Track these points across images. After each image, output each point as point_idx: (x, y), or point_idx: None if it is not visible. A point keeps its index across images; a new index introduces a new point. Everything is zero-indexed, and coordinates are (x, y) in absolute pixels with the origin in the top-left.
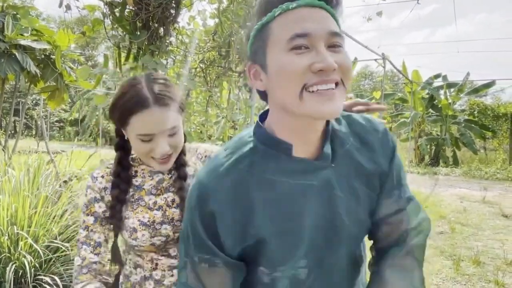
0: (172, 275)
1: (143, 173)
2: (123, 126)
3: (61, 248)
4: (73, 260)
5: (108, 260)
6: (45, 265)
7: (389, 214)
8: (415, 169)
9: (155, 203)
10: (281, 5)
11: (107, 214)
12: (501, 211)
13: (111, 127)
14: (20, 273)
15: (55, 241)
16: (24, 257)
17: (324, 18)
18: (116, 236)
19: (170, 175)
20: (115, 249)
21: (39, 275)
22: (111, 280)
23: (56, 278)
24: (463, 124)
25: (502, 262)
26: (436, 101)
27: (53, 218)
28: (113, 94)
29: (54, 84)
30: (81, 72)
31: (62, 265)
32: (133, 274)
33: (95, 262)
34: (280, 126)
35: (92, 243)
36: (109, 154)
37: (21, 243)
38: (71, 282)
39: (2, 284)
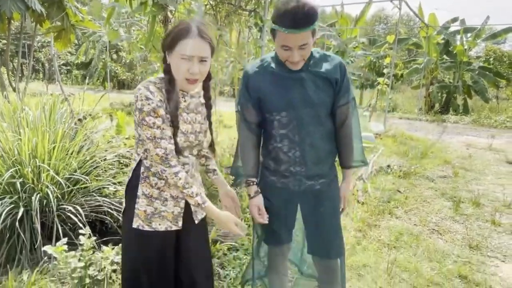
0: (184, 169)
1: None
2: (171, 49)
3: (81, 180)
4: (92, 191)
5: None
6: (67, 196)
7: (341, 104)
8: (424, 117)
9: (187, 119)
10: (282, 27)
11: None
12: (506, 158)
13: (119, 70)
14: (44, 203)
15: (75, 174)
16: (47, 187)
17: (297, 37)
18: (175, 134)
19: (194, 99)
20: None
21: (62, 204)
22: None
23: (78, 207)
24: (477, 72)
25: (501, 204)
26: (452, 47)
27: (71, 153)
28: (124, 30)
29: (60, 24)
30: (94, 5)
31: (82, 196)
32: (153, 166)
33: (172, 150)
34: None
35: (166, 137)
36: (118, 97)
37: (43, 175)
38: (91, 211)
39: (29, 212)
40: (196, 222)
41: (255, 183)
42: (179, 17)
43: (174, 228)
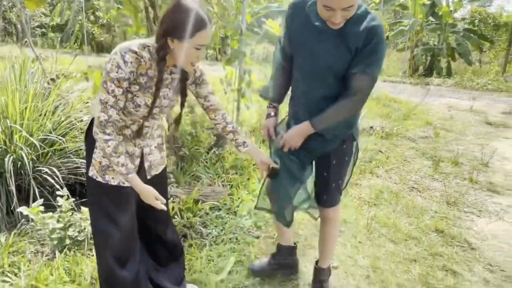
0: (143, 130)
1: (155, 68)
2: (182, 37)
3: (57, 142)
4: (69, 153)
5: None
6: (43, 158)
7: (352, 72)
8: (408, 80)
9: (161, 95)
10: None
11: (128, 89)
12: (486, 119)
13: (96, 31)
14: (19, 165)
15: (50, 135)
16: (21, 149)
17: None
18: (154, 102)
19: (172, 75)
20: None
21: (38, 167)
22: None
23: (55, 169)
24: (461, 34)
25: (479, 163)
26: (437, 8)
27: (45, 114)
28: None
29: None
30: None
31: (59, 158)
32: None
33: (117, 120)
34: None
35: (118, 107)
36: (97, 61)
37: (15, 136)
38: (69, 174)
39: (3, 174)
40: (148, 177)
41: (274, 107)
42: None
43: (126, 184)
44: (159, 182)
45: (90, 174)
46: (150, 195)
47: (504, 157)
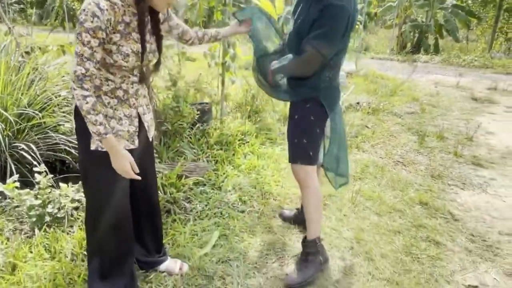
0: (133, 87)
1: (129, 13)
2: None
3: (34, 117)
4: (47, 129)
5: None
6: (20, 134)
7: (304, 40)
8: (395, 57)
9: (138, 38)
10: None
11: (110, 41)
12: (471, 94)
13: (77, 7)
14: None
15: (26, 109)
16: None
17: None
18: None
19: (146, 19)
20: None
21: (15, 143)
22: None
23: (32, 145)
24: (450, 10)
25: (464, 138)
26: None
27: (20, 88)
28: None
29: None
30: None
31: (36, 134)
32: (104, 85)
33: (94, 74)
34: None
35: (94, 60)
36: None
37: None
38: (48, 150)
39: None
40: (150, 139)
41: None
42: None
43: (131, 147)
44: (148, 148)
45: (93, 147)
46: (126, 159)
47: (488, 131)
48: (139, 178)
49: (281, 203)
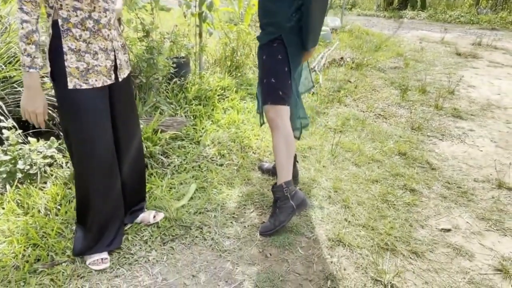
0: (106, 16)
1: None
2: None
3: (0, 71)
4: (15, 83)
5: None
6: None
7: None
8: (382, 13)
9: None
10: None
11: None
12: (456, 50)
13: None
14: None
15: None
16: None
17: None
18: None
19: None
20: None
21: None
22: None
23: (0, 102)
24: None
25: (445, 91)
26: None
27: None
28: None
29: None
30: None
31: (3, 89)
32: (72, 16)
33: None
34: None
35: None
36: None
37: None
38: (17, 106)
39: None
40: (120, 80)
41: None
42: None
43: (109, 82)
44: (126, 89)
45: (71, 86)
46: (41, 105)
47: (470, 85)
48: (43, 126)
49: (260, 156)
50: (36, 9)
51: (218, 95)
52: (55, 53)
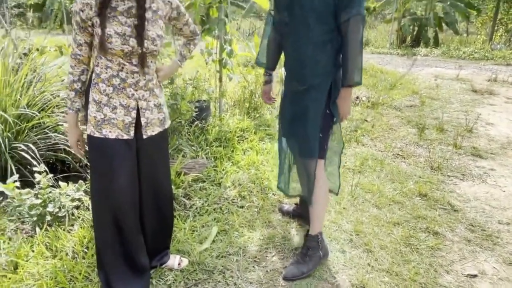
0: (133, 78)
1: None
2: None
3: (33, 117)
4: (47, 129)
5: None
6: (19, 135)
7: (343, 21)
8: (395, 51)
9: (125, 22)
10: None
11: (86, 24)
12: (471, 87)
13: None
14: None
15: (25, 110)
16: None
17: None
18: (103, 30)
19: (135, 3)
20: (102, 40)
21: (14, 144)
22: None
23: (31, 146)
24: (448, 2)
25: (464, 129)
26: None
27: (18, 89)
28: None
29: None
30: None
31: (36, 135)
32: (103, 73)
33: (79, 55)
34: None
35: (77, 42)
36: None
37: None
38: (48, 150)
39: None
40: (144, 136)
41: (269, 74)
42: None
43: (125, 137)
44: (156, 145)
45: (88, 131)
46: (72, 139)
47: (488, 122)
48: (81, 155)
49: (280, 198)
50: (80, 64)
51: (238, 137)
52: (85, 101)
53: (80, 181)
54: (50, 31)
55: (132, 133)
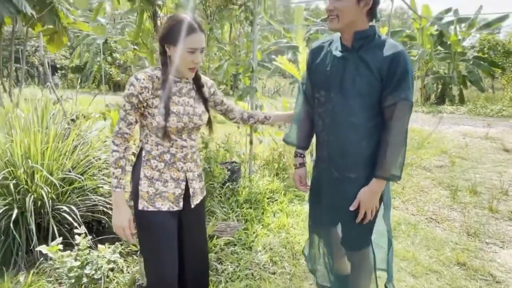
0: (182, 152)
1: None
2: (174, 43)
3: (76, 180)
4: (87, 191)
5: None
6: (62, 197)
7: (388, 105)
8: (420, 108)
9: (179, 101)
10: None
11: (140, 105)
12: (502, 146)
13: (114, 72)
14: (39, 204)
15: (69, 174)
16: (42, 188)
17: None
18: (167, 117)
19: (187, 85)
20: (165, 129)
21: (57, 205)
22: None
23: (73, 207)
24: (471, 61)
25: (498, 192)
26: (445, 37)
27: (65, 154)
28: (112, 25)
29: (52, 27)
30: (79, 1)
31: (78, 196)
32: (154, 150)
33: (126, 133)
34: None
35: (127, 120)
36: (114, 99)
37: (36, 176)
38: (87, 211)
39: (24, 213)
40: (192, 206)
41: (302, 155)
42: (168, 11)
43: (176, 208)
44: (198, 213)
45: (140, 207)
46: (125, 220)
47: None
48: (132, 240)
49: None
50: (125, 142)
51: (267, 198)
52: (134, 178)
53: (117, 243)
54: (95, 95)
55: (181, 204)
